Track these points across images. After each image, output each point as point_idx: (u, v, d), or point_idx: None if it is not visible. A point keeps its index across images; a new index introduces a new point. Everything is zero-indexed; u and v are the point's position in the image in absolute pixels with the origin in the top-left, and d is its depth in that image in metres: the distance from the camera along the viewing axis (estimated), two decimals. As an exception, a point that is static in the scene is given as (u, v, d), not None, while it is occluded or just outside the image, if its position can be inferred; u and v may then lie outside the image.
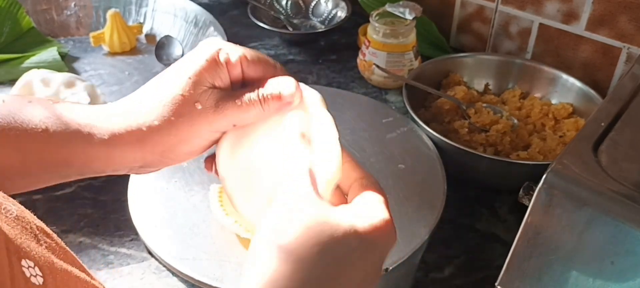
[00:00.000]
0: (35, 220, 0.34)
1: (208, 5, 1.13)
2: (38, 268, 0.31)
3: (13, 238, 0.30)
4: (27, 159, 0.40)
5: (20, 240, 0.31)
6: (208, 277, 0.55)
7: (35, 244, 0.32)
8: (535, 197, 0.42)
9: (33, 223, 0.33)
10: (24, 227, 0.32)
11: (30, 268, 0.30)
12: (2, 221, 0.30)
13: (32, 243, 0.32)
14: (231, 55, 0.41)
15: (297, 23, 1.10)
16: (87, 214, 0.68)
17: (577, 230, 0.40)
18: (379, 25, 0.88)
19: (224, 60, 0.41)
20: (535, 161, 0.71)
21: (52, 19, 1.04)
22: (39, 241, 0.33)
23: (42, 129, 0.39)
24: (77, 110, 0.42)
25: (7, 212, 0.31)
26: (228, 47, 0.42)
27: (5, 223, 0.30)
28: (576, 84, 0.81)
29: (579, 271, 0.42)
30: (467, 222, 0.70)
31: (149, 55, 0.99)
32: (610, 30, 0.83)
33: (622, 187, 0.40)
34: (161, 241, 0.59)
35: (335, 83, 0.95)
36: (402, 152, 0.71)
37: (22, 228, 0.32)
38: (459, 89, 0.84)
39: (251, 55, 0.42)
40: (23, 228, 0.32)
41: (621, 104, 0.49)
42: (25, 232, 0.32)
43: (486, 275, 0.63)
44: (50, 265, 0.32)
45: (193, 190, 0.64)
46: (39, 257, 0.31)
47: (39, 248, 0.32)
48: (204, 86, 0.40)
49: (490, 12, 0.96)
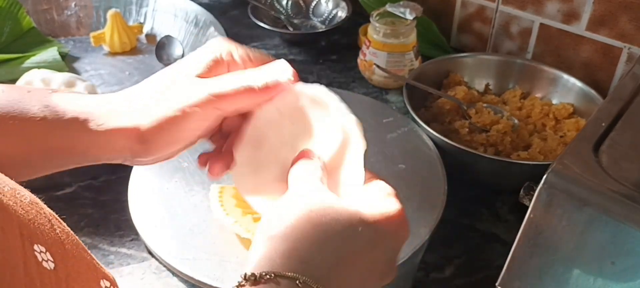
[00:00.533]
0: (46, 207, 0.34)
1: (208, 5, 1.13)
2: (50, 254, 0.31)
3: (27, 223, 0.30)
4: (29, 147, 0.40)
5: (34, 225, 0.31)
6: (208, 277, 0.55)
7: (49, 229, 0.33)
8: (536, 197, 0.42)
9: (46, 209, 0.34)
10: (38, 211, 0.33)
11: (41, 253, 0.31)
12: (17, 205, 0.31)
13: (45, 228, 0.32)
14: (234, 53, 0.42)
15: (297, 23, 1.10)
16: (87, 214, 0.68)
17: (577, 230, 0.40)
18: (380, 25, 0.88)
19: (227, 59, 0.42)
20: (536, 161, 0.71)
21: (53, 19, 1.04)
22: (53, 226, 0.33)
23: (41, 117, 0.40)
24: (74, 99, 0.42)
25: (21, 196, 0.32)
26: (231, 46, 0.43)
27: (20, 207, 0.31)
28: (577, 84, 0.81)
29: (580, 271, 0.41)
30: (468, 222, 0.70)
31: (149, 55, 0.99)
32: (611, 30, 0.83)
33: (623, 187, 0.40)
34: (161, 241, 0.59)
35: (336, 83, 0.95)
36: (403, 152, 0.71)
37: (36, 212, 0.32)
38: (459, 89, 0.84)
39: (254, 55, 0.43)
40: (37, 212, 0.32)
41: (622, 104, 0.49)
42: (40, 215, 0.32)
43: (486, 275, 0.63)
44: (62, 251, 0.33)
45: (193, 190, 0.64)
46: (52, 242, 0.32)
47: (52, 233, 0.32)
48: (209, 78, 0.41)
49: (491, 12, 0.96)
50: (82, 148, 0.41)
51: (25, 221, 0.30)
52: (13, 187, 0.32)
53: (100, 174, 0.73)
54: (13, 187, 0.32)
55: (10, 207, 0.30)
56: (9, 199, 0.30)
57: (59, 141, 0.41)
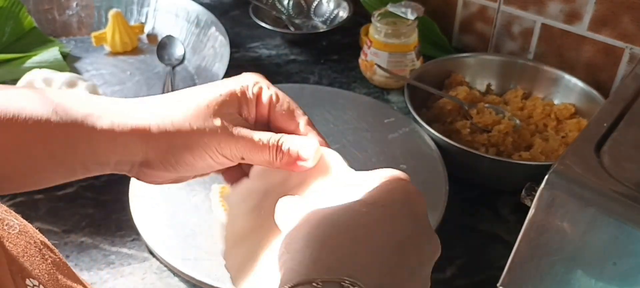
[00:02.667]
0: (37, 234, 0.33)
1: (210, 5, 1.13)
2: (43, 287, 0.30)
3: (16, 257, 0.30)
4: (28, 152, 0.38)
5: (23, 258, 0.30)
6: (209, 277, 0.55)
7: (40, 260, 0.31)
8: (538, 197, 0.42)
9: (36, 238, 0.33)
10: (28, 241, 0.32)
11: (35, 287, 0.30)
12: (4, 239, 0.30)
13: (36, 260, 0.31)
14: (264, 92, 0.41)
15: (298, 23, 1.10)
16: (88, 214, 0.68)
17: (579, 230, 0.40)
18: (381, 25, 0.88)
19: (255, 94, 0.40)
20: (538, 162, 0.71)
21: (54, 18, 1.04)
22: (43, 256, 0.32)
23: (44, 119, 0.37)
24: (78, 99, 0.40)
25: (9, 228, 0.31)
26: (263, 83, 0.41)
27: (8, 241, 0.30)
28: (578, 85, 0.81)
29: (581, 272, 0.41)
30: (469, 223, 0.70)
31: (150, 55, 0.99)
32: (613, 31, 0.83)
33: (625, 187, 0.40)
34: (162, 241, 0.59)
35: (337, 83, 0.94)
36: (404, 153, 0.71)
37: (25, 243, 0.31)
38: (461, 89, 0.84)
39: (282, 97, 0.41)
40: (27, 243, 0.31)
41: (624, 104, 0.49)
42: (30, 246, 0.31)
43: (488, 275, 0.63)
44: (55, 282, 0.32)
45: (194, 190, 0.64)
46: (43, 274, 0.31)
47: (43, 265, 0.31)
48: (231, 108, 0.40)
49: (493, 12, 0.95)
50: (86, 150, 0.39)
51: (12, 256, 0.29)
52: (1, 217, 0.31)
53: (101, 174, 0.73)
54: (1, 218, 0.31)
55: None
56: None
57: (62, 143, 0.38)
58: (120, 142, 0.39)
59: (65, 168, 0.40)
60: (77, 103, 0.39)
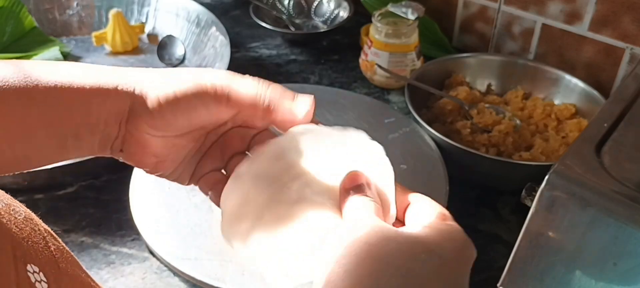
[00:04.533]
0: (41, 223, 0.34)
1: (210, 5, 1.13)
2: (43, 274, 0.30)
3: (20, 241, 0.30)
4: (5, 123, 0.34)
5: (28, 243, 0.30)
6: (209, 277, 0.55)
7: (43, 247, 0.32)
8: (538, 197, 0.42)
9: (40, 226, 0.33)
10: (33, 228, 0.32)
11: (35, 274, 0.30)
12: (11, 223, 0.30)
13: (39, 247, 0.31)
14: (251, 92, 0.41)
15: (299, 23, 1.10)
16: (88, 214, 0.68)
17: (579, 231, 0.40)
18: (382, 25, 0.88)
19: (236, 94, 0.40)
20: (538, 162, 0.71)
21: (55, 18, 1.04)
22: (47, 243, 0.32)
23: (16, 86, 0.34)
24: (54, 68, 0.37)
25: (15, 213, 0.31)
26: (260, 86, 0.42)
27: (14, 225, 0.30)
28: (579, 85, 0.81)
29: (582, 272, 0.41)
30: (469, 223, 0.70)
31: (151, 54, 0.99)
32: (614, 31, 0.83)
33: (625, 188, 0.40)
34: (163, 241, 0.59)
35: (338, 83, 0.94)
36: (404, 153, 0.71)
37: (30, 230, 0.31)
38: (461, 89, 0.84)
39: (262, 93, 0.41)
40: (32, 230, 0.32)
41: (624, 104, 0.49)
42: (34, 233, 0.32)
43: (488, 276, 0.63)
44: (55, 270, 0.32)
45: (194, 189, 0.64)
46: (46, 261, 0.31)
47: (46, 252, 0.31)
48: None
49: (493, 12, 0.95)
50: (79, 109, 0.35)
51: (18, 240, 0.29)
52: (7, 202, 0.31)
53: (101, 174, 0.74)
54: (7, 203, 0.31)
55: (4, 224, 0.29)
56: (2, 217, 0.29)
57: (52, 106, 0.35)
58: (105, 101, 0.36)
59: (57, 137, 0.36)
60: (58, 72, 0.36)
